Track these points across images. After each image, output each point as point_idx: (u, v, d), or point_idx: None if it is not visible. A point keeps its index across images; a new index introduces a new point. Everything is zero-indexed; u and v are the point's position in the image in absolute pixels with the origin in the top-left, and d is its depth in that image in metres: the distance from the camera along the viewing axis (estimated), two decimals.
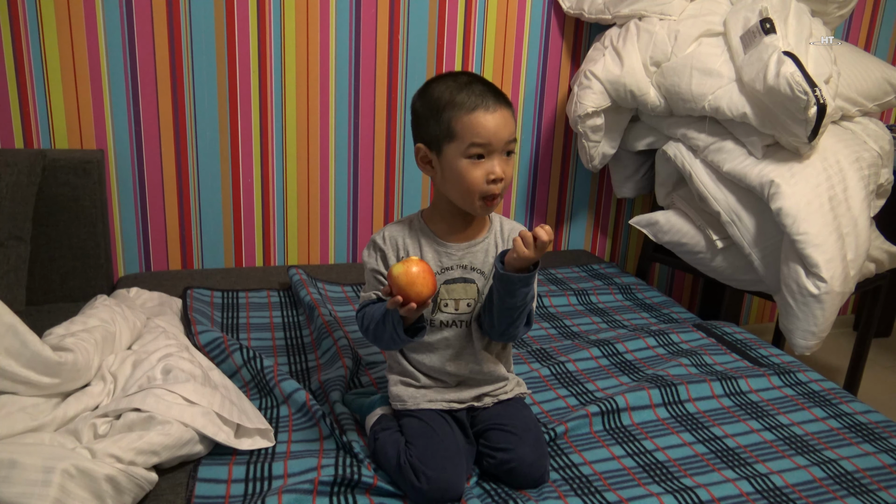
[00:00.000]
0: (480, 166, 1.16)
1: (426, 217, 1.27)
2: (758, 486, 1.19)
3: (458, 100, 1.15)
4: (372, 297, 1.22)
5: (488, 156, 1.16)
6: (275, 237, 2.12)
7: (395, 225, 1.27)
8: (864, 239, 1.78)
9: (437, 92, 1.18)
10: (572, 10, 2.13)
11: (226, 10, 1.89)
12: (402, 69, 2.08)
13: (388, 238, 1.25)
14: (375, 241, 1.25)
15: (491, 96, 1.16)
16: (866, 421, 1.41)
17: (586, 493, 1.16)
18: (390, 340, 1.17)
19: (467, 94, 1.15)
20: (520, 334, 1.24)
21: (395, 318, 1.13)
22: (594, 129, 2.04)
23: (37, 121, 1.82)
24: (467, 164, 1.16)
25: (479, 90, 1.16)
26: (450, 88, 1.17)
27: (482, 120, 1.14)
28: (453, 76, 1.20)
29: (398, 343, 1.17)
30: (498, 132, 1.15)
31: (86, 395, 1.24)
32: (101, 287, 1.81)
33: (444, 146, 1.18)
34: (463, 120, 1.15)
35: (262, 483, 1.14)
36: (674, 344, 1.72)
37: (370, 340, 1.22)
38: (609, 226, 2.48)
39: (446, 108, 1.16)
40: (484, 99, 1.15)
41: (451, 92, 1.16)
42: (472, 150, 1.15)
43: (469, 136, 1.15)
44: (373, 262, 1.25)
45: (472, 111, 1.14)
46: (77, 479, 0.98)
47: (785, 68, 1.66)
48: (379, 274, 1.24)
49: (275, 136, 2.03)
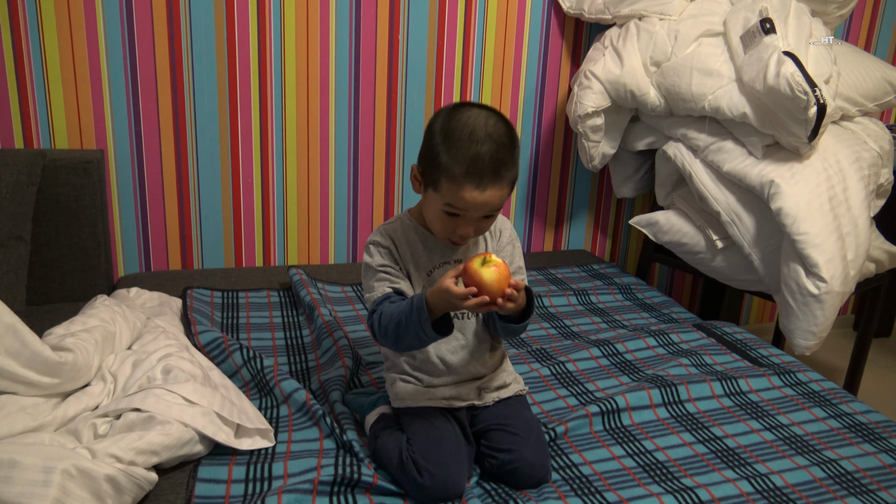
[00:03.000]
0: (453, 221, 1.16)
1: (416, 216, 1.28)
2: (758, 486, 1.19)
3: (457, 159, 1.11)
4: (386, 290, 1.19)
5: (464, 218, 1.16)
6: (275, 237, 2.12)
7: (388, 224, 1.28)
8: (864, 239, 1.77)
9: (451, 132, 1.13)
10: (572, 10, 2.13)
11: (226, 10, 1.89)
12: (402, 69, 2.08)
13: (388, 235, 1.25)
14: (377, 240, 1.24)
15: (490, 174, 1.11)
16: (866, 421, 1.41)
17: (586, 494, 1.16)
18: (414, 339, 1.13)
19: (468, 160, 1.11)
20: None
21: (422, 316, 1.09)
22: (594, 129, 2.04)
23: (37, 121, 1.82)
24: (442, 213, 1.16)
25: (483, 162, 1.11)
26: (461, 138, 1.12)
27: (466, 195, 1.12)
28: (474, 122, 1.13)
29: (422, 341, 1.14)
30: (479, 208, 1.14)
31: (86, 395, 1.24)
32: (101, 287, 1.81)
33: (429, 186, 1.18)
34: (449, 184, 1.13)
35: (262, 483, 1.14)
36: (674, 344, 1.72)
37: (388, 342, 1.17)
38: (609, 226, 2.48)
39: (445, 160, 1.12)
40: (481, 178, 1.11)
41: (460, 144, 1.12)
42: (448, 208, 1.15)
43: (448, 198, 1.14)
44: (379, 258, 1.23)
45: (462, 183, 1.11)
46: (77, 479, 0.98)
47: (785, 68, 1.66)
48: (388, 268, 1.22)
49: (275, 136, 2.03)
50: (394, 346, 1.19)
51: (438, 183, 1.14)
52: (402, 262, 1.24)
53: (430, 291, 1.10)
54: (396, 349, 1.22)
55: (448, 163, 1.12)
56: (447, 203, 1.14)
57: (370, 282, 1.23)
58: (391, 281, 1.21)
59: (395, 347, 1.20)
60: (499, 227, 1.31)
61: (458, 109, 1.16)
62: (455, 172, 1.11)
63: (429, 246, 1.25)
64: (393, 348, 1.22)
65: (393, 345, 1.18)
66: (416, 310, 1.10)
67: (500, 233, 1.31)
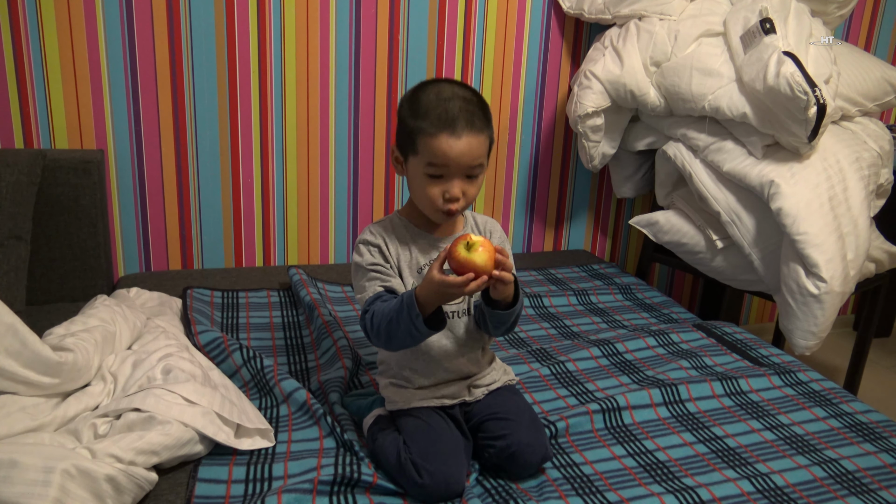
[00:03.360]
0: (438, 184, 1.17)
1: (405, 215, 1.28)
2: (759, 486, 1.19)
3: (429, 117, 1.14)
4: (378, 289, 1.19)
5: (447, 176, 1.16)
6: (275, 237, 2.12)
7: (377, 224, 1.28)
8: (864, 239, 1.77)
9: (418, 101, 1.17)
10: (572, 10, 2.13)
11: (226, 10, 1.89)
12: (402, 69, 2.08)
13: (377, 233, 1.25)
14: (366, 239, 1.24)
15: (462, 121, 1.13)
16: (867, 420, 1.41)
17: (587, 493, 1.16)
18: (406, 336, 1.13)
19: (438, 115, 1.14)
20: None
21: (412, 312, 1.09)
22: (594, 129, 2.04)
23: (37, 121, 1.82)
24: (426, 180, 1.17)
25: (454, 112, 1.13)
26: (429, 101, 1.16)
27: (443, 145, 1.13)
28: (439, 87, 1.18)
29: (415, 338, 1.14)
30: (458, 158, 1.14)
31: (86, 395, 1.24)
32: (101, 287, 1.81)
33: (409, 157, 1.19)
34: (426, 139, 1.14)
35: (262, 483, 1.13)
36: (674, 344, 1.72)
37: (380, 342, 1.17)
38: (609, 226, 2.48)
39: (416, 122, 1.15)
40: (453, 123, 1.13)
41: (428, 106, 1.15)
42: (430, 169, 1.16)
43: (428, 156, 1.15)
44: (369, 257, 1.23)
45: (436, 134, 1.13)
46: (77, 479, 0.98)
47: (785, 68, 1.66)
48: (379, 266, 1.22)
49: (275, 136, 2.03)
50: (386, 345, 1.18)
51: (416, 145, 1.16)
52: (392, 260, 1.24)
53: (420, 287, 1.10)
54: (389, 348, 1.20)
55: (421, 124, 1.15)
56: (428, 163, 1.15)
57: (361, 281, 1.22)
58: (382, 280, 1.21)
59: (388, 346, 1.18)
60: (489, 227, 1.32)
61: (422, 84, 1.21)
62: (428, 128, 1.14)
63: (419, 243, 1.25)
64: (386, 347, 1.20)
65: (385, 344, 1.17)
66: (407, 307, 1.10)
67: (491, 234, 1.32)
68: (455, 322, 1.25)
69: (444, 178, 1.16)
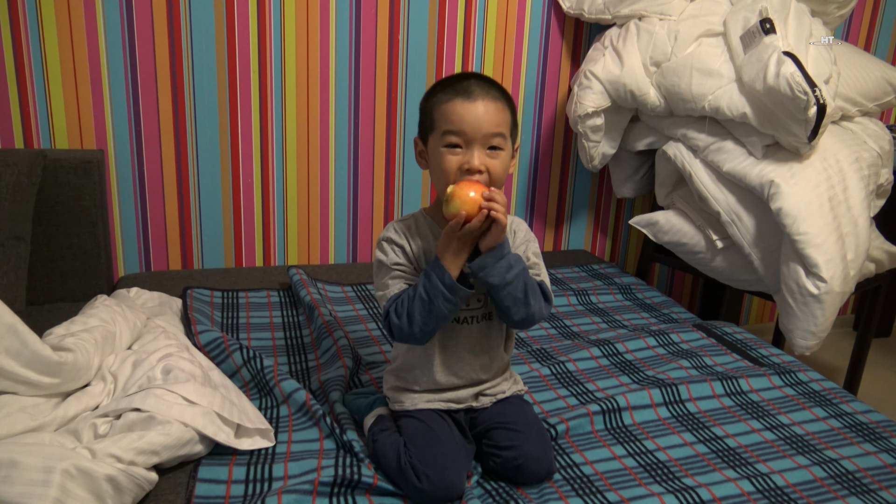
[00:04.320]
0: (457, 155, 1.13)
1: (430, 213, 1.26)
2: (759, 486, 1.19)
3: (444, 89, 1.15)
4: (402, 287, 1.17)
5: (466, 146, 1.13)
6: (275, 237, 2.12)
7: (401, 222, 1.25)
8: (864, 239, 1.77)
9: (437, 85, 1.19)
10: (572, 10, 2.13)
11: (226, 10, 1.89)
12: (402, 69, 2.08)
13: (402, 232, 1.22)
14: (391, 237, 1.21)
15: (476, 87, 1.13)
16: (867, 420, 1.41)
17: (588, 493, 1.16)
18: (442, 304, 1.10)
19: (454, 87, 1.14)
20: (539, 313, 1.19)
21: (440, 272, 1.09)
22: (594, 129, 2.04)
23: (37, 121, 1.82)
24: (444, 152, 1.14)
25: (470, 84, 1.13)
26: (449, 82, 1.16)
27: (458, 108, 1.12)
28: (458, 74, 1.19)
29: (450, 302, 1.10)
30: (475, 122, 1.11)
31: (86, 395, 1.24)
32: (101, 287, 1.81)
33: (429, 136, 1.17)
34: (441, 107, 1.14)
35: (262, 484, 1.13)
36: (674, 344, 1.72)
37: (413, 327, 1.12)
38: (609, 226, 2.48)
39: (433, 98, 1.16)
40: (469, 92, 1.12)
41: (445, 83, 1.17)
42: (448, 137, 1.13)
43: (444, 124, 1.13)
44: (393, 256, 1.20)
45: (451, 99, 1.13)
46: (77, 479, 0.98)
47: (785, 68, 1.66)
48: (403, 266, 1.20)
49: (275, 136, 2.02)
50: (422, 328, 1.12)
51: (433, 119, 1.15)
52: (415, 262, 1.21)
53: (437, 250, 1.13)
54: (425, 329, 1.13)
55: (438, 98, 1.15)
56: (445, 132, 1.13)
57: (384, 279, 1.19)
58: (406, 279, 1.19)
59: (424, 328, 1.12)
60: (513, 227, 1.28)
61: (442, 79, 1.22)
62: (443, 97, 1.14)
63: None
64: (420, 332, 1.13)
65: (421, 325, 1.11)
66: (434, 270, 1.10)
67: (515, 233, 1.28)
68: (467, 328, 1.23)
69: (462, 148, 1.13)
